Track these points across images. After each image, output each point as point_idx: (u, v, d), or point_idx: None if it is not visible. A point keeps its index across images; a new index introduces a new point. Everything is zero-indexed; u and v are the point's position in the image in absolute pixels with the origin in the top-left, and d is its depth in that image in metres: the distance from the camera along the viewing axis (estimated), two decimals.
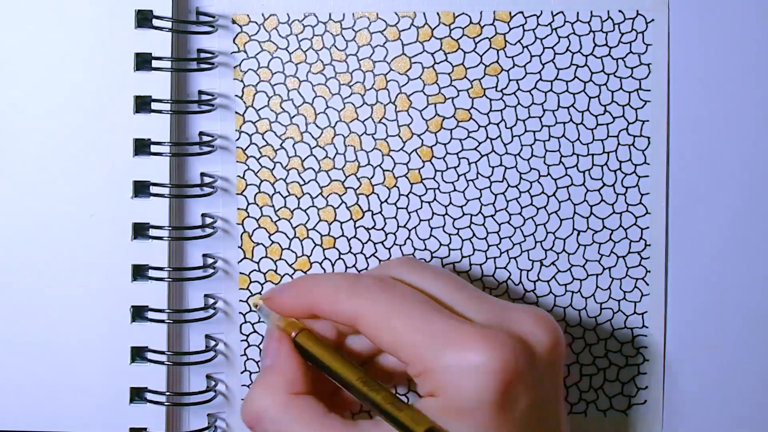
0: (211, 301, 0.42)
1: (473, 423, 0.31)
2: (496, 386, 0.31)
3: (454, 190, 0.42)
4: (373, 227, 0.42)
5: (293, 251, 0.42)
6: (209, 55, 0.41)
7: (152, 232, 0.40)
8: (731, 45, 0.41)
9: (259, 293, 0.42)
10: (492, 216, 0.42)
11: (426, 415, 0.32)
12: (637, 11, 0.41)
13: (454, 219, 0.42)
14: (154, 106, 0.40)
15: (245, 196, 0.42)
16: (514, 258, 0.42)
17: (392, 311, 0.33)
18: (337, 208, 0.42)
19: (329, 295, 0.35)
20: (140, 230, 0.41)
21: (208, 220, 0.42)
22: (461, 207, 0.42)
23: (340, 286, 0.35)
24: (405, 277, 0.36)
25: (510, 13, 0.41)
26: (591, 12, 0.41)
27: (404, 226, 0.42)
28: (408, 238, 0.42)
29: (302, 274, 0.42)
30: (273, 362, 0.36)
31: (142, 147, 0.40)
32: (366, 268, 0.42)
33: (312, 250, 0.42)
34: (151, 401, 0.41)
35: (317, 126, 0.42)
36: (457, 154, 0.42)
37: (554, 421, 0.34)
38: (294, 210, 0.42)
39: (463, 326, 0.33)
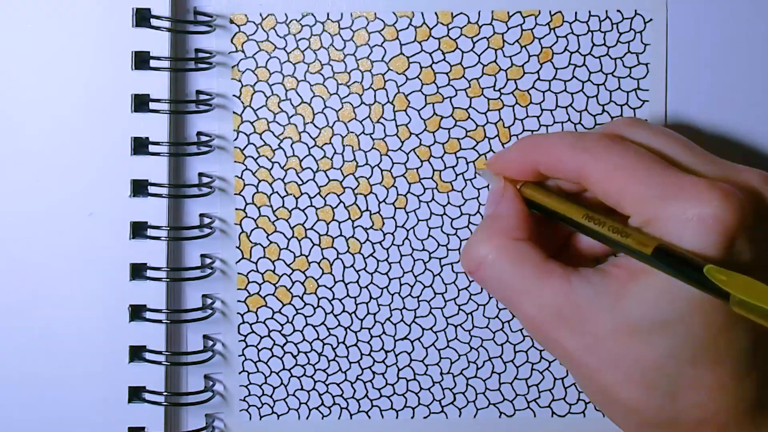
0: (209, 301, 0.42)
1: None
2: (719, 237, 0.30)
3: (452, 189, 0.42)
4: (371, 227, 0.42)
5: (291, 251, 0.42)
6: (207, 55, 0.41)
7: (150, 231, 0.40)
8: (730, 44, 0.41)
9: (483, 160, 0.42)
10: None
11: (653, 236, 0.31)
12: (636, 11, 0.41)
13: (452, 219, 0.42)
14: (152, 105, 0.40)
15: (243, 197, 0.42)
16: None
17: (618, 165, 0.33)
18: (335, 207, 0.42)
19: (555, 151, 0.35)
20: (138, 229, 0.41)
21: (206, 220, 0.42)
22: (459, 207, 0.42)
23: (565, 141, 0.34)
24: (631, 136, 0.35)
25: (508, 12, 0.41)
26: (589, 11, 0.41)
27: (402, 226, 0.42)
28: (406, 238, 0.42)
29: (300, 272, 0.42)
30: (495, 210, 0.36)
31: (140, 146, 0.40)
32: (365, 268, 0.42)
33: (310, 250, 0.42)
34: (149, 401, 0.41)
35: (315, 126, 0.42)
36: (454, 153, 0.42)
37: None
38: (292, 210, 0.42)
39: (689, 178, 0.32)
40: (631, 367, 0.32)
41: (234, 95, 0.42)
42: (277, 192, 0.42)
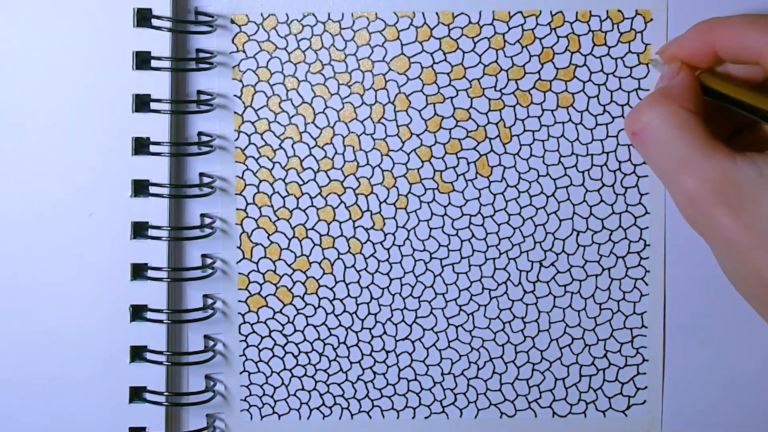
0: (210, 301, 0.42)
1: None
2: None
3: (453, 190, 0.42)
4: (372, 227, 0.42)
5: (292, 251, 0.42)
6: (208, 55, 0.41)
7: (151, 231, 0.41)
8: None
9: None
10: (491, 216, 0.42)
11: None
12: (636, 11, 0.41)
13: (453, 219, 0.42)
14: (153, 105, 0.40)
15: (244, 197, 0.42)
16: (514, 259, 0.42)
17: None
18: (336, 208, 0.42)
19: (736, 30, 0.34)
20: (139, 230, 0.41)
21: (207, 221, 0.42)
22: (460, 207, 0.42)
23: (747, 21, 0.34)
24: None
25: (509, 12, 0.41)
26: (590, 11, 0.41)
27: (403, 227, 0.42)
28: (407, 238, 0.42)
29: (301, 273, 0.42)
30: (669, 83, 0.36)
31: (141, 146, 0.40)
32: (365, 269, 0.42)
33: (311, 250, 0.42)
34: (150, 401, 0.41)
35: (316, 126, 0.42)
36: (455, 153, 0.42)
37: None
38: (293, 210, 0.42)
39: None
40: None
41: (235, 95, 0.42)
42: (278, 192, 0.42)
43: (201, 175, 0.42)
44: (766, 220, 0.32)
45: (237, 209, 0.42)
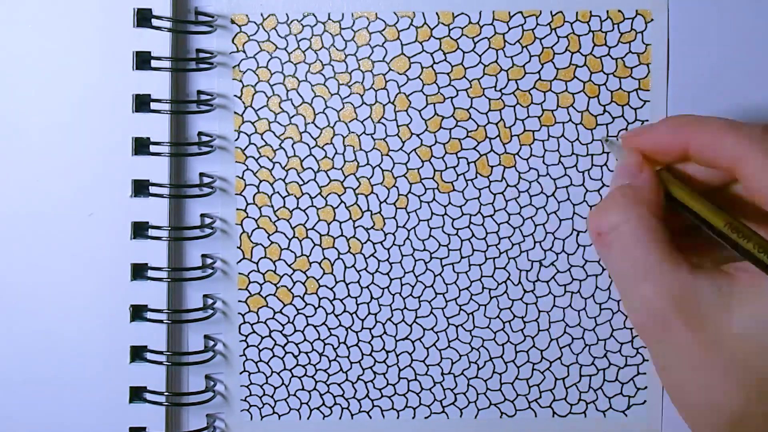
0: (210, 301, 0.42)
1: None
2: None
3: (453, 189, 0.42)
4: (372, 227, 0.42)
5: (292, 251, 0.42)
6: (208, 55, 0.41)
7: (151, 231, 0.41)
8: (731, 45, 0.41)
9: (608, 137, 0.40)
10: (491, 216, 0.42)
11: None
12: (637, 11, 0.41)
13: (453, 219, 0.42)
14: (153, 105, 0.40)
15: (244, 197, 0.42)
16: (514, 258, 0.42)
17: None
18: (336, 207, 0.42)
19: (714, 133, 0.33)
20: (139, 230, 0.41)
21: (207, 221, 0.42)
22: (460, 207, 0.42)
23: (726, 125, 0.33)
24: None
25: (509, 12, 0.41)
26: (590, 12, 0.41)
27: (403, 226, 0.42)
28: (407, 238, 0.42)
29: (301, 273, 0.42)
30: (635, 181, 0.34)
31: (141, 146, 0.40)
32: (365, 269, 0.42)
33: (311, 250, 0.42)
34: (150, 401, 0.41)
35: (316, 126, 0.42)
36: (455, 153, 0.42)
37: None
38: (293, 210, 0.42)
39: None
40: (745, 372, 0.31)
41: (235, 95, 0.42)
42: (278, 192, 0.42)
43: (201, 175, 0.42)
44: (721, 341, 0.31)
45: (237, 209, 0.42)
